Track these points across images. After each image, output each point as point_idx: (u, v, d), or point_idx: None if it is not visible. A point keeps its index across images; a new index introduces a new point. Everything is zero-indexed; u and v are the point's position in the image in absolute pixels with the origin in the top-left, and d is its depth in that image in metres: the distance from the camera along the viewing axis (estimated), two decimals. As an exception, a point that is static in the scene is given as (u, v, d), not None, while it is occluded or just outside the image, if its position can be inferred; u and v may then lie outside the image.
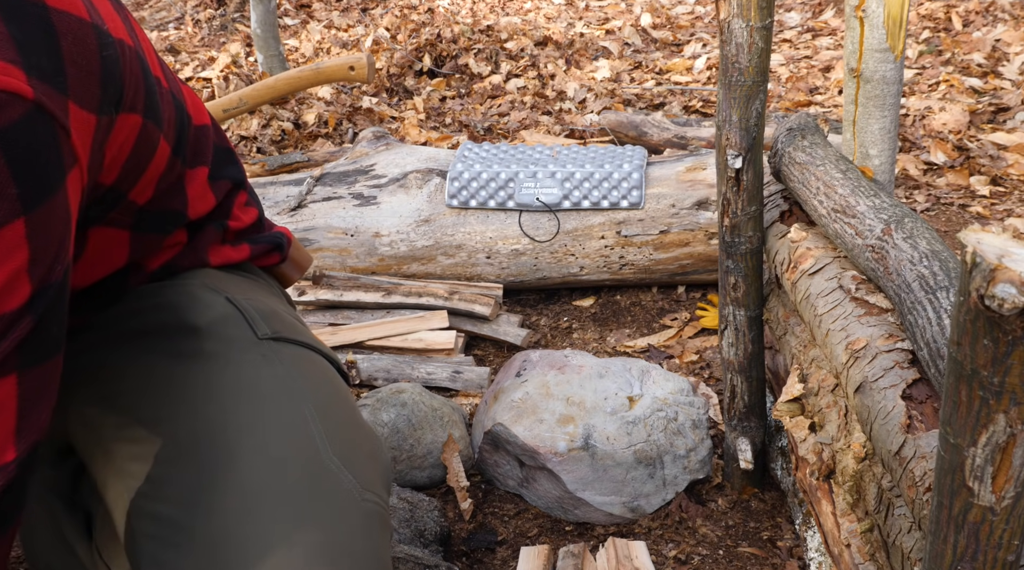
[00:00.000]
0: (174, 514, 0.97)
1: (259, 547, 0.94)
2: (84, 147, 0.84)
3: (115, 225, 1.06)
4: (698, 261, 2.62)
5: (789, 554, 1.73)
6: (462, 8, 6.18)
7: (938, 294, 1.16)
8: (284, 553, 0.93)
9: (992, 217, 3.02)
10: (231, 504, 0.96)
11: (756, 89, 1.55)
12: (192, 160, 1.14)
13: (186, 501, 0.98)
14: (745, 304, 1.74)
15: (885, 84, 1.71)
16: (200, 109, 1.18)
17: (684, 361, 2.38)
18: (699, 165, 2.68)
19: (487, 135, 4.07)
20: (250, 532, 0.95)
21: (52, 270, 0.80)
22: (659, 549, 1.76)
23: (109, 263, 1.09)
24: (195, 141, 1.14)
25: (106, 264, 1.09)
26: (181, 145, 1.09)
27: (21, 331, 0.78)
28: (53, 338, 0.83)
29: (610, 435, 1.81)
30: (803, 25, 5.57)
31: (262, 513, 0.96)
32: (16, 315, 0.78)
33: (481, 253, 2.63)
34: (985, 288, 0.64)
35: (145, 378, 1.09)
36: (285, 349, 1.14)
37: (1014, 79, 4.17)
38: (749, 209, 1.65)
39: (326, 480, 1.01)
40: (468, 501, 1.87)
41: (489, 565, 1.75)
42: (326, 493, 1.00)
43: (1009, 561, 0.80)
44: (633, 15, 6.00)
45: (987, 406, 0.72)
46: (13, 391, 0.79)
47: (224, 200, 1.23)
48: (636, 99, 4.45)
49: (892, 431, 1.15)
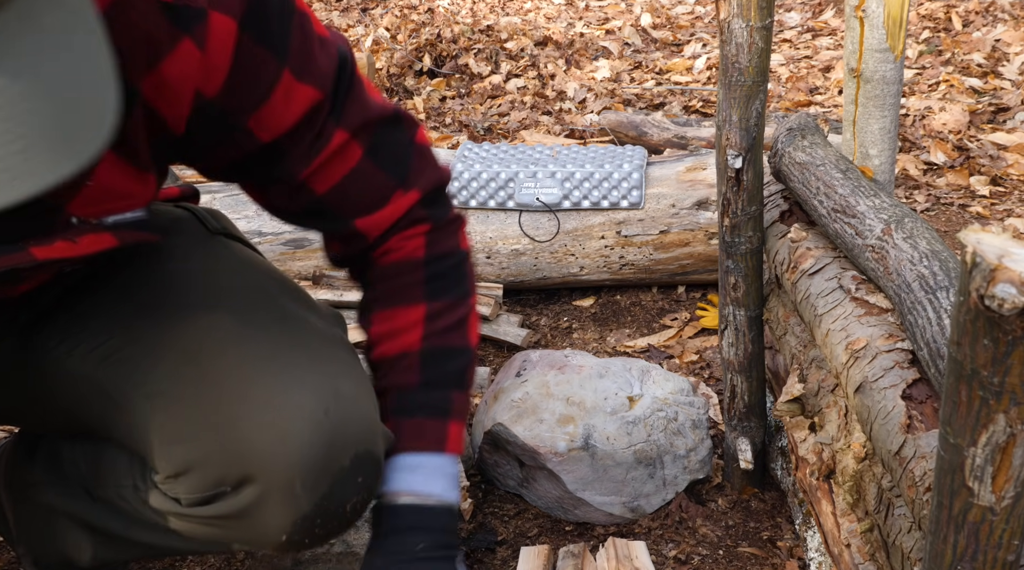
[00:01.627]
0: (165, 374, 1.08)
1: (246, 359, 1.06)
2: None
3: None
4: (698, 261, 2.62)
5: (789, 554, 1.73)
6: (462, 8, 6.18)
7: (938, 294, 1.16)
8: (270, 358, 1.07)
9: (992, 217, 3.02)
10: (208, 349, 1.07)
11: (756, 89, 1.55)
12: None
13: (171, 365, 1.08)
14: (745, 304, 1.74)
15: (885, 84, 1.71)
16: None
17: (684, 361, 2.38)
18: (699, 165, 2.68)
19: (487, 135, 4.07)
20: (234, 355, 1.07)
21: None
22: (659, 549, 1.76)
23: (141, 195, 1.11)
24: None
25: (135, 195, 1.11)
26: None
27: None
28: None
29: (610, 435, 1.81)
30: (803, 25, 5.57)
31: (243, 343, 1.08)
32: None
33: (481, 253, 2.63)
34: (985, 288, 0.64)
35: (117, 290, 1.17)
36: (235, 244, 1.26)
37: (1014, 79, 4.17)
38: (749, 209, 1.65)
39: (294, 319, 1.14)
40: (468, 501, 1.87)
41: (489, 565, 1.75)
42: (296, 325, 1.13)
43: (1009, 561, 0.80)
44: (633, 15, 6.00)
45: (987, 406, 0.72)
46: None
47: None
48: (636, 99, 4.45)
49: (892, 431, 1.16)
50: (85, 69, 0.66)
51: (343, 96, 1.09)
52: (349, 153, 1.11)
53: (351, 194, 1.13)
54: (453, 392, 1.22)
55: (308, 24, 1.03)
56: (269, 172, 1.09)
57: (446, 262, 1.21)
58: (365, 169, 1.12)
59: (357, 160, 1.11)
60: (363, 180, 1.13)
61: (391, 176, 1.15)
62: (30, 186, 0.62)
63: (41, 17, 0.63)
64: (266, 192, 1.14)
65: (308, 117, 1.05)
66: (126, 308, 1.14)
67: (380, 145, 1.13)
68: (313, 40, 1.04)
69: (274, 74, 1.00)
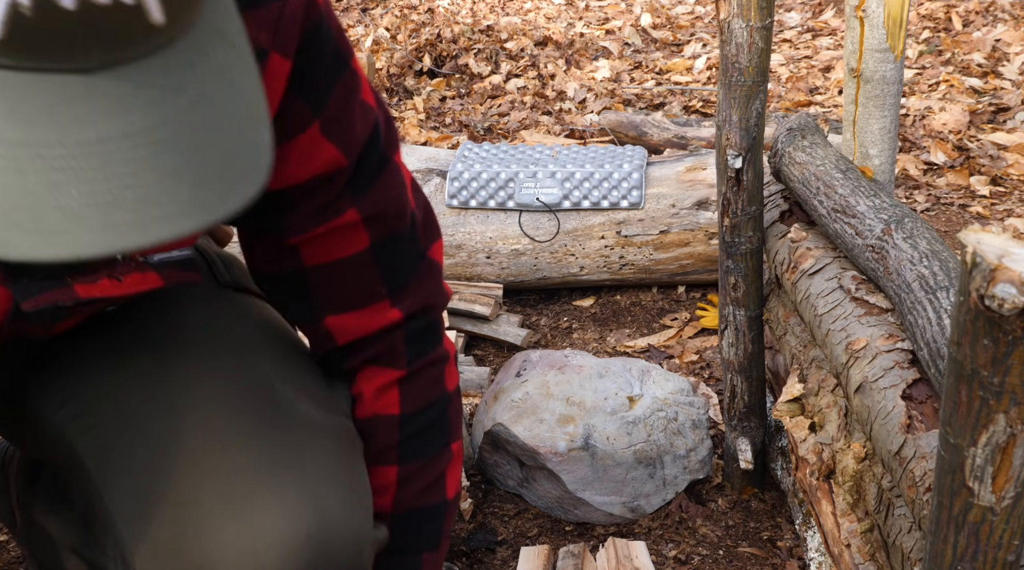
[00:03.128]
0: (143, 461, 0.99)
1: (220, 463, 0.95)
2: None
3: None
4: (698, 261, 2.62)
5: (789, 554, 1.73)
6: (462, 8, 6.18)
7: (938, 294, 1.16)
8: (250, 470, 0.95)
9: (992, 217, 3.02)
10: (192, 445, 0.96)
11: (756, 89, 1.55)
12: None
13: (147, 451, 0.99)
14: (745, 304, 1.74)
15: (885, 84, 1.71)
16: None
17: (684, 361, 2.38)
18: (699, 165, 2.68)
19: (487, 135, 4.07)
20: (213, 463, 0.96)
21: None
22: (659, 549, 1.76)
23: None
24: None
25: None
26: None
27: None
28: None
29: (610, 435, 1.81)
30: (803, 25, 5.57)
31: (225, 445, 0.97)
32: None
33: (481, 253, 2.63)
34: (985, 288, 0.64)
35: (111, 343, 1.09)
36: (241, 299, 1.14)
37: (1014, 79, 4.17)
38: (749, 209, 1.65)
39: (285, 410, 1.02)
40: (468, 501, 1.87)
41: (489, 565, 1.75)
42: (284, 419, 1.00)
43: (1009, 561, 0.80)
44: (633, 15, 6.00)
45: (987, 406, 0.72)
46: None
47: None
48: (636, 99, 4.45)
49: (892, 431, 1.15)
50: (247, 108, 0.65)
51: (368, 173, 1.01)
52: (354, 238, 1.02)
53: (336, 282, 1.04)
54: (424, 554, 1.14)
55: (355, 84, 0.97)
56: (266, 219, 1.00)
57: (425, 416, 1.11)
58: (362, 263, 1.03)
59: (359, 250, 1.03)
60: (355, 273, 1.04)
61: (384, 282, 1.05)
62: (198, 220, 0.59)
63: (213, 51, 0.63)
64: (253, 242, 1.05)
65: (325, 178, 0.97)
66: (112, 369, 1.06)
67: (387, 245, 1.04)
68: (355, 103, 0.97)
69: (304, 122, 0.94)
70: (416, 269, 1.08)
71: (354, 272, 1.04)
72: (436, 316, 1.12)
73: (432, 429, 1.12)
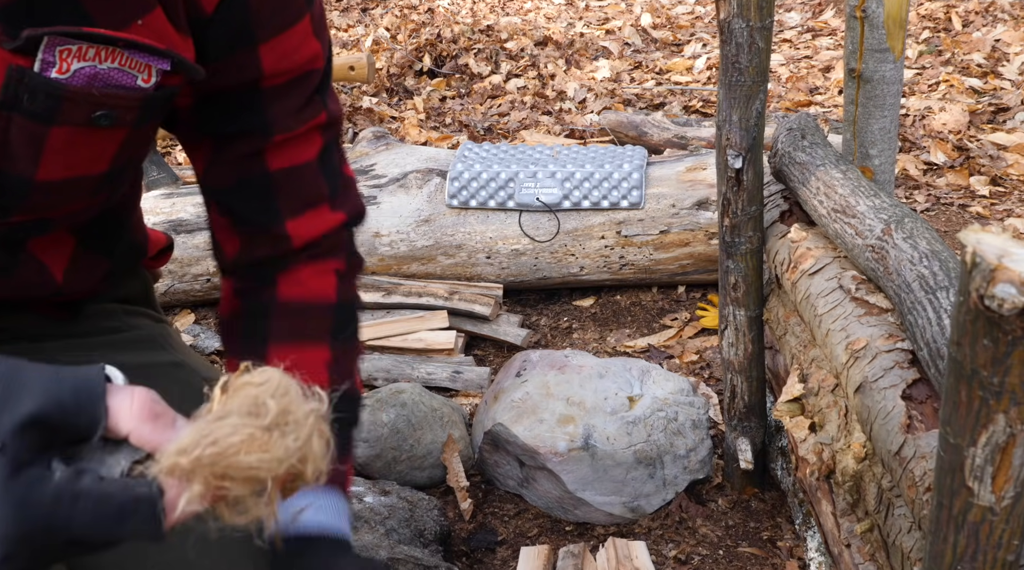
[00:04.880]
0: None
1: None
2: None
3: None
4: (698, 261, 2.62)
5: (789, 554, 1.72)
6: (462, 8, 6.18)
7: (938, 294, 1.16)
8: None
9: (992, 217, 3.02)
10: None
11: (756, 89, 1.55)
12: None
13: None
14: (745, 304, 1.74)
15: (885, 84, 1.71)
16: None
17: (684, 361, 2.38)
18: (699, 165, 2.68)
19: (487, 135, 4.07)
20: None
21: None
22: (659, 549, 1.76)
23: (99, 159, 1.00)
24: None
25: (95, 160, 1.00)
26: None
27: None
28: None
29: (610, 435, 1.81)
30: (803, 25, 5.57)
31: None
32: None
33: (481, 253, 2.62)
34: (985, 288, 0.64)
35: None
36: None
37: (1014, 79, 4.17)
38: (749, 209, 1.65)
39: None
40: (468, 501, 1.87)
41: (489, 565, 1.75)
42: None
43: (1009, 561, 0.80)
44: (633, 15, 6.00)
45: (987, 406, 0.72)
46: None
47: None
48: (636, 99, 4.45)
49: (892, 431, 1.15)
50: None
51: (328, 79, 1.07)
52: (313, 142, 1.06)
53: (294, 184, 1.07)
54: (351, 431, 1.15)
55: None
56: (244, 119, 1.02)
57: (351, 309, 1.15)
58: (314, 166, 1.07)
59: (315, 154, 1.07)
60: (310, 176, 1.07)
61: (327, 186, 1.09)
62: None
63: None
64: (219, 150, 1.05)
65: (307, 76, 1.03)
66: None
67: (331, 149, 1.09)
68: (324, 14, 1.04)
69: (299, 12, 0.99)
70: (342, 173, 1.12)
71: (309, 175, 1.07)
72: (361, 224, 1.17)
73: (355, 322, 1.16)
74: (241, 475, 0.60)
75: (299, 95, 1.03)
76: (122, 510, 0.59)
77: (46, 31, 0.83)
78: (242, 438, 0.60)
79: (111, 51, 0.87)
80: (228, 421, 0.60)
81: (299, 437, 0.62)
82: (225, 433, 0.60)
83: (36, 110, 0.88)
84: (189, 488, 0.60)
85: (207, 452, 0.59)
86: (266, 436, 0.61)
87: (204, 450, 0.59)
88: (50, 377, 0.62)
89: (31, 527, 0.57)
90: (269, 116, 1.02)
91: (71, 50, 0.86)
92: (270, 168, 1.05)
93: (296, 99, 1.03)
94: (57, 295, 1.08)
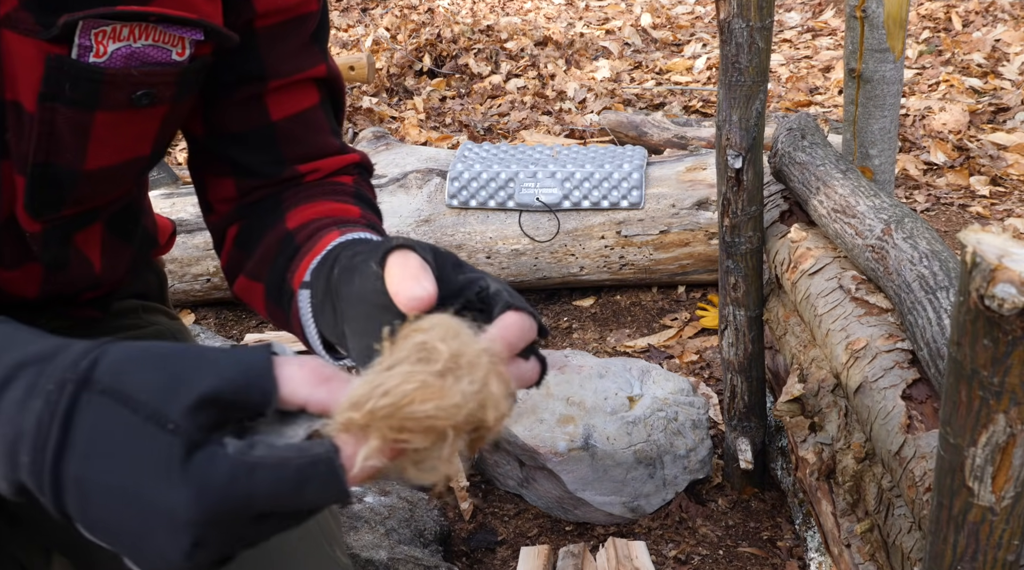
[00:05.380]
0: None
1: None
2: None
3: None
4: (698, 261, 2.62)
5: (789, 554, 1.72)
6: (462, 8, 6.18)
7: (938, 294, 1.16)
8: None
9: (992, 217, 3.02)
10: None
11: (756, 89, 1.55)
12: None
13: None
14: (745, 304, 1.74)
15: (885, 84, 1.71)
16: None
17: (684, 361, 2.38)
18: (699, 165, 2.68)
19: (487, 135, 4.07)
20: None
21: None
22: (659, 549, 1.76)
23: (139, 144, 0.99)
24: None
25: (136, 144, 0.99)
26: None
27: None
28: None
29: (610, 435, 1.81)
30: (803, 25, 5.57)
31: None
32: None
33: (481, 253, 2.62)
34: (985, 288, 0.64)
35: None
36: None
37: (1014, 79, 4.17)
38: (749, 209, 1.65)
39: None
40: (468, 501, 1.87)
41: (489, 565, 1.75)
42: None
43: (1009, 561, 0.80)
44: (633, 15, 6.00)
45: (987, 406, 0.72)
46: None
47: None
48: (636, 99, 4.45)
49: (892, 431, 1.15)
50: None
51: (325, 32, 1.05)
52: (311, 94, 1.04)
53: (299, 134, 1.04)
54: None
55: None
56: (239, 65, 0.99)
57: (372, 200, 1.12)
58: (316, 118, 1.05)
59: (313, 103, 1.05)
60: (313, 126, 1.05)
61: (335, 137, 1.08)
62: None
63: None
64: (217, 101, 1.03)
65: (301, 20, 1.01)
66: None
67: (333, 103, 1.08)
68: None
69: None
70: (340, 130, 1.11)
71: (312, 125, 1.05)
72: (371, 175, 1.16)
73: (376, 209, 1.12)
74: (419, 426, 0.56)
75: (294, 40, 1.01)
76: (301, 473, 0.55)
77: (81, 15, 0.82)
78: (415, 386, 0.56)
79: (144, 28, 0.87)
80: (398, 370, 0.57)
81: (475, 380, 0.57)
82: (396, 382, 0.56)
83: (79, 98, 0.87)
84: (366, 443, 0.56)
85: (380, 404, 0.55)
86: (440, 382, 0.57)
87: (377, 402, 0.55)
88: (215, 357, 0.60)
89: (213, 507, 0.55)
90: (265, 59, 1.00)
91: (105, 31, 0.85)
92: (273, 117, 1.03)
93: (291, 44, 1.01)
94: (95, 287, 1.06)
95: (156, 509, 0.54)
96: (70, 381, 0.56)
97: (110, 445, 0.55)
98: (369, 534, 1.64)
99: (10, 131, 0.86)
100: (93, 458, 0.55)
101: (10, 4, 0.80)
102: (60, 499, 0.56)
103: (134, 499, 0.55)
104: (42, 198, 0.91)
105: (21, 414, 0.56)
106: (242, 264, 1.03)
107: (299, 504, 0.57)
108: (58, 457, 0.55)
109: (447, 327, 0.59)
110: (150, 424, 0.55)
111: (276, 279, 0.96)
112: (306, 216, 1.00)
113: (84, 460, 0.55)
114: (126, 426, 0.55)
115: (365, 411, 0.56)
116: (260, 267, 0.99)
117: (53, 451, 0.55)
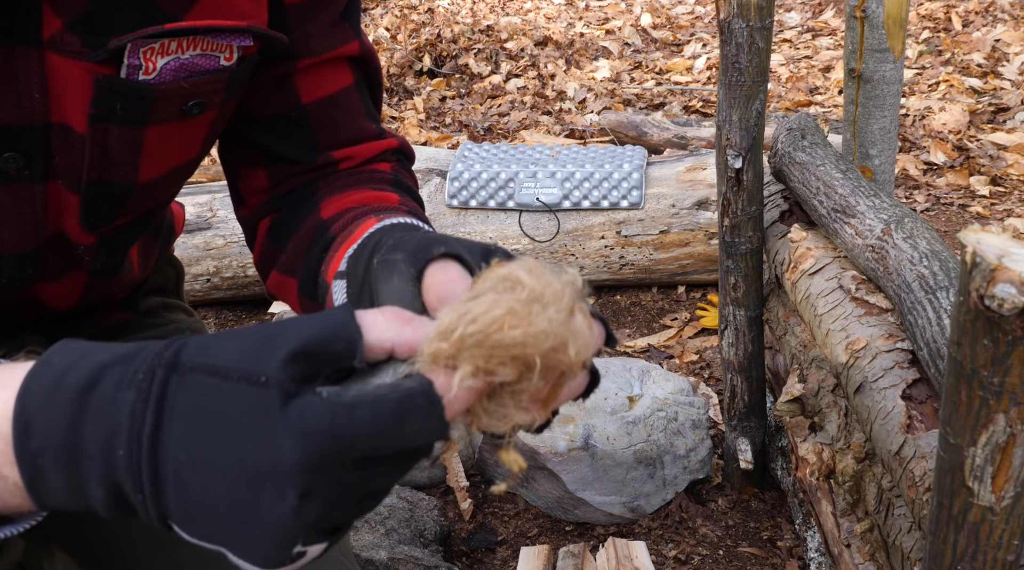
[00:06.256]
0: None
1: None
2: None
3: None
4: (698, 261, 2.62)
5: (789, 554, 1.72)
6: (462, 8, 6.18)
7: (938, 294, 1.16)
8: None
9: (992, 217, 3.02)
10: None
11: (756, 89, 1.55)
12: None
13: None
14: (745, 304, 1.74)
15: (885, 84, 1.71)
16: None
17: (684, 361, 2.38)
18: (699, 165, 2.68)
19: (487, 135, 4.07)
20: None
21: None
22: (659, 549, 1.76)
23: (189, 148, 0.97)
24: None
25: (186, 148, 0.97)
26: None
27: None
28: None
29: (610, 435, 1.81)
30: (803, 25, 5.57)
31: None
32: None
33: (481, 253, 2.63)
34: (985, 288, 0.64)
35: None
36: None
37: (1014, 79, 4.17)
38: (749, 209, 1.65)
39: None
40: (468, 501, 1.87)
41: (489, 565, 1.75)
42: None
43: (1009, 561, 0.80)
44: (633, 15, 6.00)
45: (987, 406, 0.72)
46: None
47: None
48: (636, 99, 4.45)
49: (892, 431, 1.15)
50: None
51: (357, 11, 1.00)
52: (343, 73, 1.00)
53: (332, 118, 1.01)
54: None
55: None
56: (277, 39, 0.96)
57: (413, 188, 1.08)
58: (351, 100, 1.01)
59: (347, 85, 1.00)
60: (347, 109, 1.01)
61: (371, 121, 1.04)
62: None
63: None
64: (253, 87, 1.00)
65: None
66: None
67: (369, 85, 1.04)
68: None
69: None
70: (378, 117, 1.07)
71: (345, 108, 1.02)
72: (411, 163, 1.13)
73: (419, 198, 1.08)
74: (507, 353, 0.55)
75: (325, 17, 0.98)
76: (399, 406, 0.55)
77: (130, 38, 0.81)
78: (503, 311, 0.55)
79: (192, 39, 0.85)
80: (485, 298, 0.56)
81: (560, 309, 0.56)
82: (484, 308, 0.55)
83: (130, 116, 0.85)
84: (458, 371, 0.55)
85: (469, 330, 0.55)
86: (526, 309, 0.55)
87: (465, 328, 0.55)
88: (297, 320, 0.59)
89: (317, 448, 0.54)
90: (294, 35, 0.96)
91: (154, 48, 0.83)
92: (303, 100, 1.00)
93: (322, 21, 0.97)
94: (130, 287, 1.05)
95: (259, 468, 0.53)
96: (159, 367, 0.55)
97: (206, 417, 0.54)
98: (369, 534, 1.64)
99: (58, 154, 0.84)
100: (190, 436, 0.54)
101: (54, 26, 0.78)
102: (160, 491, 0.54)
103: (236, 467, 0.53)
104: (97, 213, 0.90)
105: (113, 407, 0.54)
106: (275, 258, 1.00)
107: (400, 441, 0.56)
108: (155, 441, 0.53)
109: (530, 264, 0.58)
110: (243, 384, 0.54)
111: (310, 272, 0.94)
112: (341, 205, 0.97)
113: (181, 441, 0.54)
114: (219, 393, 0.54)
115: (454, 339, 0.55)
116: (293, 261, 0.97)
117: (149, 437, 0.53)
